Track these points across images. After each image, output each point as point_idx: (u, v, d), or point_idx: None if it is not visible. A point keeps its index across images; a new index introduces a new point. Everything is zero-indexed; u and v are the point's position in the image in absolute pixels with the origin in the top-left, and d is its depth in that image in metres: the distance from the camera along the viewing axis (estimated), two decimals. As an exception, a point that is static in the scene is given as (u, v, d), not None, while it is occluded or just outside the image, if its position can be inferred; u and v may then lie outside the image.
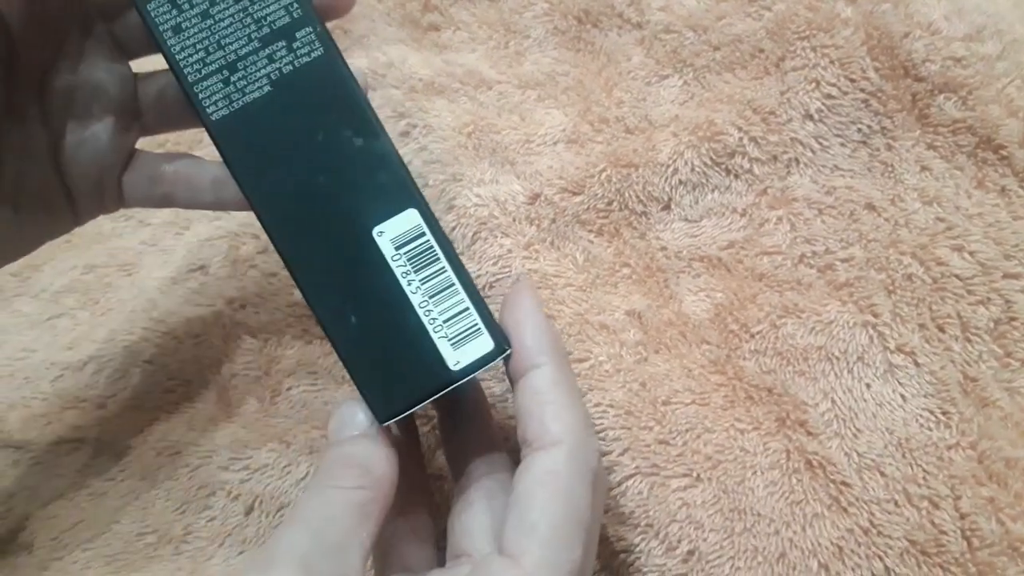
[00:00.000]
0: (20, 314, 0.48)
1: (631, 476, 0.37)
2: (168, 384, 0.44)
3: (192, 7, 0.29)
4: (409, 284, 0.28)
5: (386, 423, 0.29)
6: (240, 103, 0.29)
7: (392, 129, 0.48)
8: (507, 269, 0.42)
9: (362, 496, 0.27)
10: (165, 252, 0.49)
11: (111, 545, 0.41)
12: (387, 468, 0.28)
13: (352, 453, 0.28)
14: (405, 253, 0.28)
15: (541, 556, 0.25)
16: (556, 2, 0.49)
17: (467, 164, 0.46)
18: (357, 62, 0.50)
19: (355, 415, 0.29)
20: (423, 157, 0.47)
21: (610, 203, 0.44)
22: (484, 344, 0.28)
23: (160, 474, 0.43)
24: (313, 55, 0.29)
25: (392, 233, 0.28)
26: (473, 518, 0.30)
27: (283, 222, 0.29)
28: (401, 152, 0.47)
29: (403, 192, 0.29)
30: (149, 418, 0.44)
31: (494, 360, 0.29)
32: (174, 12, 0.29)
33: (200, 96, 0.29)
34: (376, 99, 0.49)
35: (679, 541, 0.35)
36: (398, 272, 0.28)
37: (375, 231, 0.28)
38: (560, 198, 0.44)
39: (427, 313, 0.28)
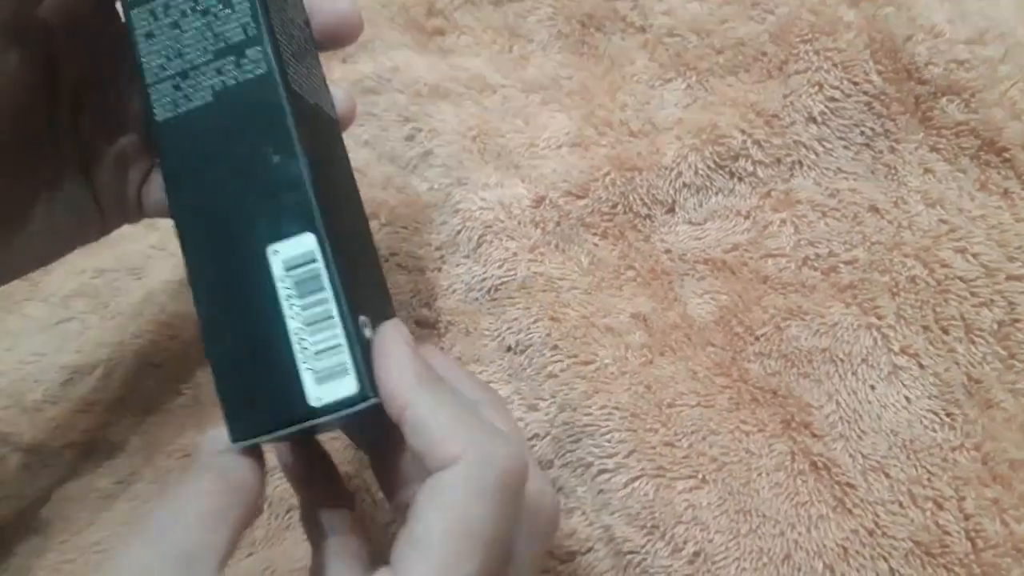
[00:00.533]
0: (30, 318, 0.48)
1: (637, 478, 0.37)
2: (177, 387, 0.45)
3: (166, 16, 0.30)
4: (290, 308, 0.27)
5: (240, 445, 0.28)
6: (184, 109, 0.30)
7: (397, 133, 0.48)
8: (512, 272, 0.43)
9: (217, 501, 0.26)
10: (174, 256, 0.49)
11: (121, 548, 0.42)
12: (248, 475, 0.27)
13: (209, 463, 0.27)
14: (293, 276, 0.28)
15: (424, 571, 0.24)
16: (560, 6, 0.49)
17: (472, 168, 0.46)
18: (362, 67, 0.50)
19: (222, 435, 0.28)
20: (428, 161, 0.47)
21: (614, 206, 0.44)
22: (348, 385, 0.27)
23: (170, 478, 0.43)
24: (256, 72, 0.29)
25: (285, 254, 0.28)
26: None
27: (191, 230, 0.29)
28: (406, 157, 0.48)
29: (305, 215, 0.28)
30: (159, 422, 0.44)
31: (356, 406, 0.27)
32: (151, 19, 0.30)
33: (152, 97, 0.30)
34: (381, 104, 0.49)
35: (685, 542, 0.36)
36: (282, 294, 0.28)
37: (270, 249, 0.28)
38: (565, 201, 0.44)
39: (300, 341, 0.27)
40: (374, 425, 0.29)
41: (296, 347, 0.27)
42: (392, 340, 0.28)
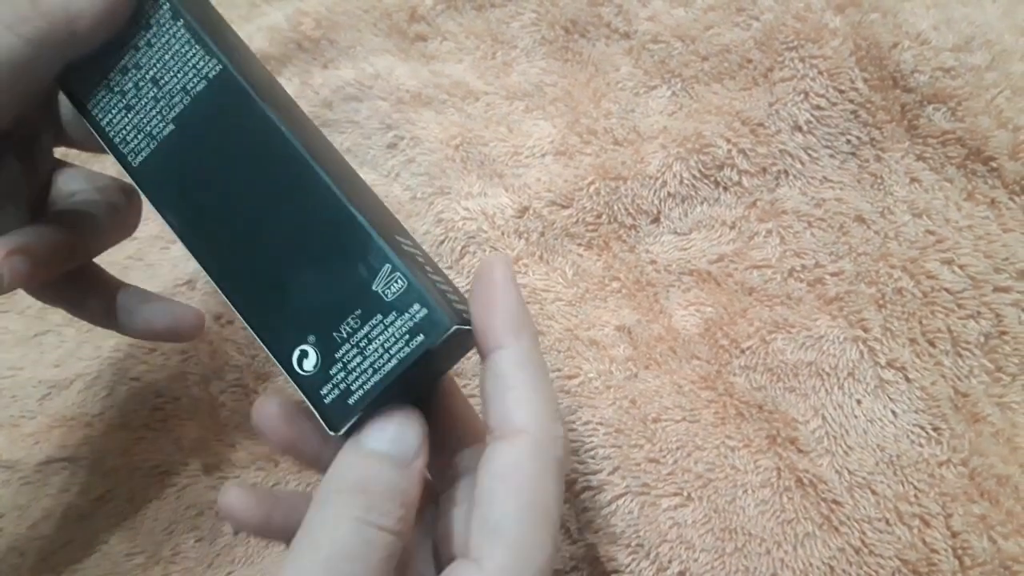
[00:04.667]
0: (6, 331, 0.48)
1: (621, 495, 0.37)
2: (155, 402, 0.44)
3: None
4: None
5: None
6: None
7: (379, 141, 0.48)
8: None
9: (397, 544, 0.25)
10: (151, 267, 0.48)
11: (100, 566, 0.41)
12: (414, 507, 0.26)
13: (402, 486, 0.25)
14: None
15: (504, 560, 0.23)
16: (543, 12, 0.49)
17: (455, 177, 0.45)
18: (343, 74, 0.50)
19: (414, 429, 0.26)
20: (411, 170, 0.47)
21: (599, 216, 0.44)
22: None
23: (148, 493, 0.42)
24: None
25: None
26: (457, 520, 0.28)
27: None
28: (388, 165, 0.47)
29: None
30: (136, 436, 0.44)
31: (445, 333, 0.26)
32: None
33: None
34: (363, 111, 0.49)
35: (670, 562, 0.35)
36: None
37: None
38: (549, 211, 0.44)
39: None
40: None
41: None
42: (504, 275, 0.28)
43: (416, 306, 0.26)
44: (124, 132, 0.30)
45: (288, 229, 0.27)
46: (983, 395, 0.37)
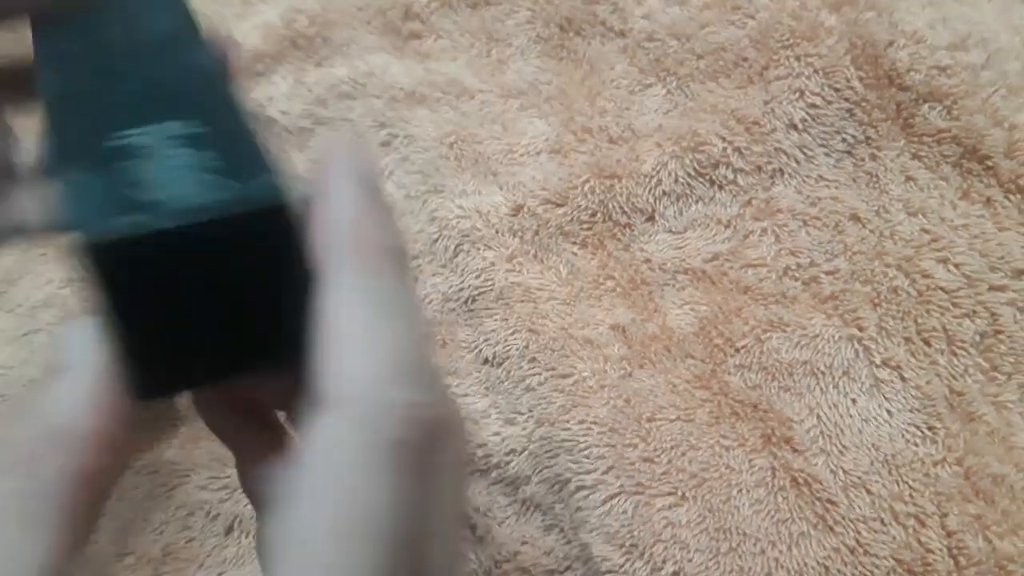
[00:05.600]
0: (-4, 330, 0.47)
1: (616, 495, 0.37)
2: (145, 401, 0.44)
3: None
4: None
5: None
6: None
7: (373, 139, 0.47)
8: (490, 282, 0.42)
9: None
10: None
11: (90, 566, 0.41)
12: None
13: None
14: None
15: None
16: (538, 10, 0.49)
17: (449, 175, 0.45)
18: (337, 71, 0.49)
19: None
20: (404, 168, 0.46)
21: (594, 214, 0.43)
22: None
23: (138, 493, 0.42)
24: None
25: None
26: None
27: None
28: (382, 163, 0.47)
29: None
30: (127, 436, 0.43)
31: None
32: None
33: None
34: (357, 109, 0.48)
35: (664, 562, 0.35)
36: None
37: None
38: (543, 209, 0.43)
39: None
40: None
41: None
42: (344, 166, 0.21)
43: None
44: None
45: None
46: (978, 394, 0.37)
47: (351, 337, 0.19)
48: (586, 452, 0.37)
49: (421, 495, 0.18)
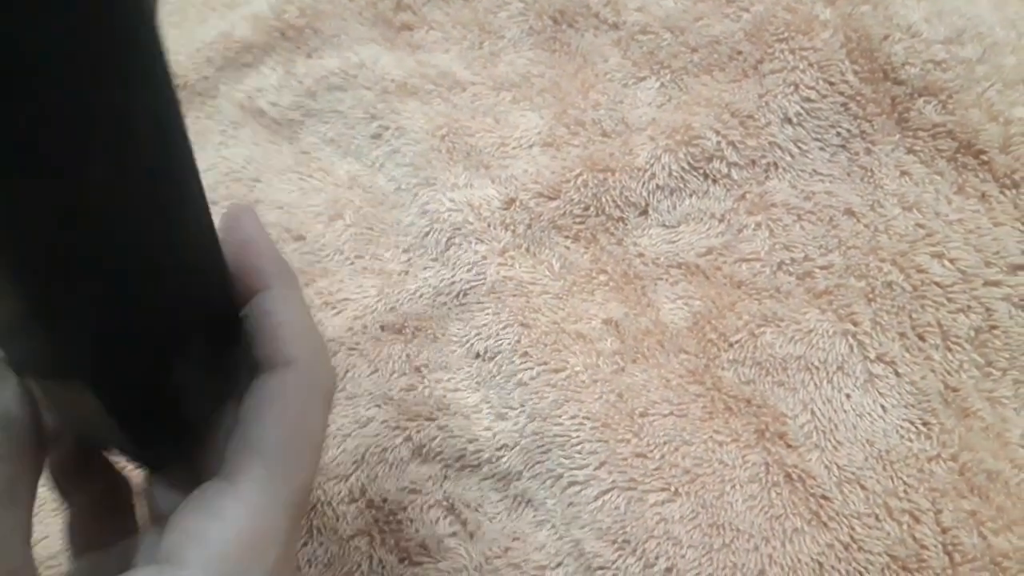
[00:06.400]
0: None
1: (608, 491, 0.36)
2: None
3: None
4: None
5: None
6: None
7: (363, 131, 0.47)
8: (481, 276, 0.42)
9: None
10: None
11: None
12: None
13: None
14: None
15: (259, 472, 0.23)
16: (531, 2, 0.48)
17: (440, 168, 0.45)
18: (328, 63, 0.49)
19: None
20: (395, 160, 0.46)
21: (587, 208, 0.43)
22: None
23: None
24: None
25: None
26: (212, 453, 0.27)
27: None
28: (372, 155, 0.47)
29: None
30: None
31: None
32: None
33: None
34: (347, 100, 0.48)
35: (657, 558, 0.35)
36: None
37: None
38: (536, 203, 0.43)
39: None
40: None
41: None
42: (253, 221, 0.27)
43: None
44: None
45: None
46: (973, 390, 0.37)
47: (294, 324, 0.26)
48: (578, 447, 0.37)
49: (326, 426, 0.27)
